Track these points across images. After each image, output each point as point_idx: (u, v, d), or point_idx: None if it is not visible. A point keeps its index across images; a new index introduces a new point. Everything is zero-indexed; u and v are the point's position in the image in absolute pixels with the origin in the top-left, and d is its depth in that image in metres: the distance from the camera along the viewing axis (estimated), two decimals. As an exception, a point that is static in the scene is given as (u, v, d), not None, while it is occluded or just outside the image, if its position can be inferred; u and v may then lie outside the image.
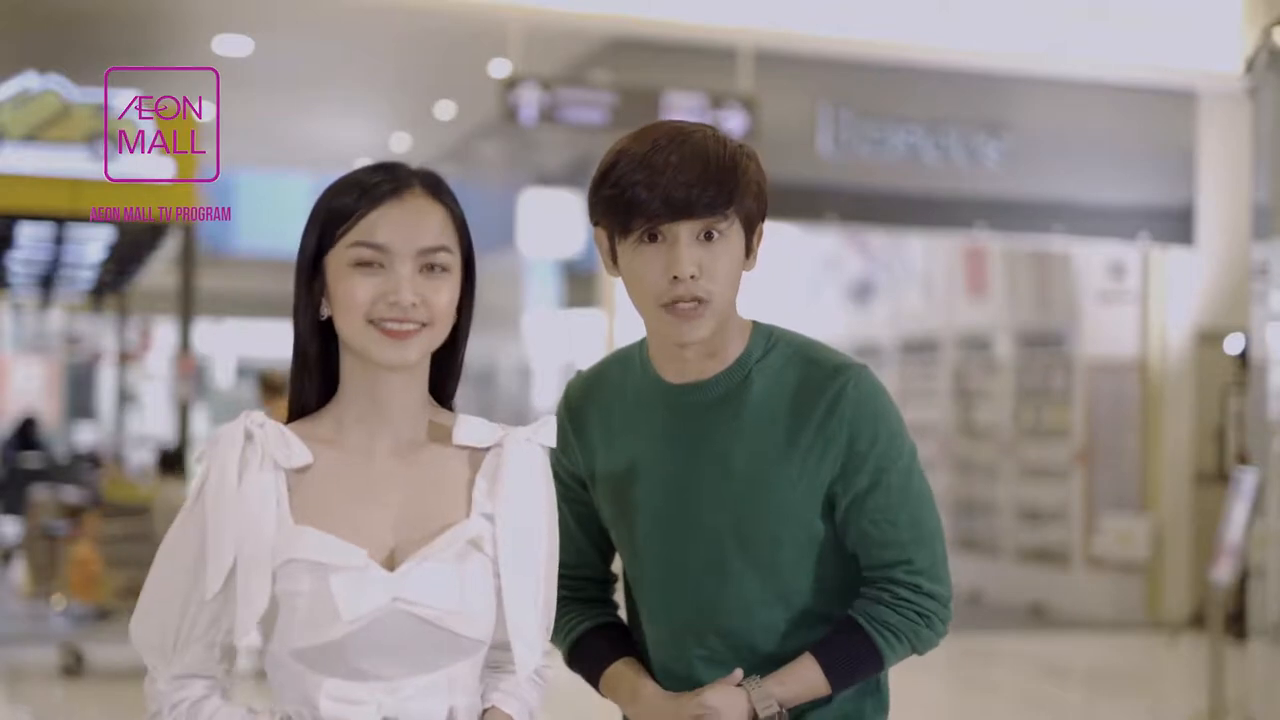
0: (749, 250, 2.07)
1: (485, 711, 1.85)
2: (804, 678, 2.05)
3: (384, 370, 1.82)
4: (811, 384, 2.05)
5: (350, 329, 1.81)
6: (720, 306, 2.01)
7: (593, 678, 2.20)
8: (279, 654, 1.78)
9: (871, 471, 2.05)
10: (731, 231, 2.01)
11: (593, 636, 2.21)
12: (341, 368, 1.86)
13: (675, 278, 1.97)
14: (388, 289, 1.79)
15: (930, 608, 2.08)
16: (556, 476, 2.04)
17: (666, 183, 1.97)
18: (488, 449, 1.88)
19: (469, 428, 1.88)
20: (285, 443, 1.79)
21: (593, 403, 2.17)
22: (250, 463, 1.77)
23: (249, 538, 1.75)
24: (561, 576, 2.19)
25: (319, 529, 1.77)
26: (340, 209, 1.82)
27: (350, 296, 1.79)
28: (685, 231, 1.98)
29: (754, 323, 2.13)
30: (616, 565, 2.27)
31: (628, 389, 2.14)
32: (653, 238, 1.99)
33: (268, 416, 1.82)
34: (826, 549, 2.09)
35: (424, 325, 1.80)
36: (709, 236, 1.99)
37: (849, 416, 2.03)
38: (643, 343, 2.16)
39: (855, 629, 2.07)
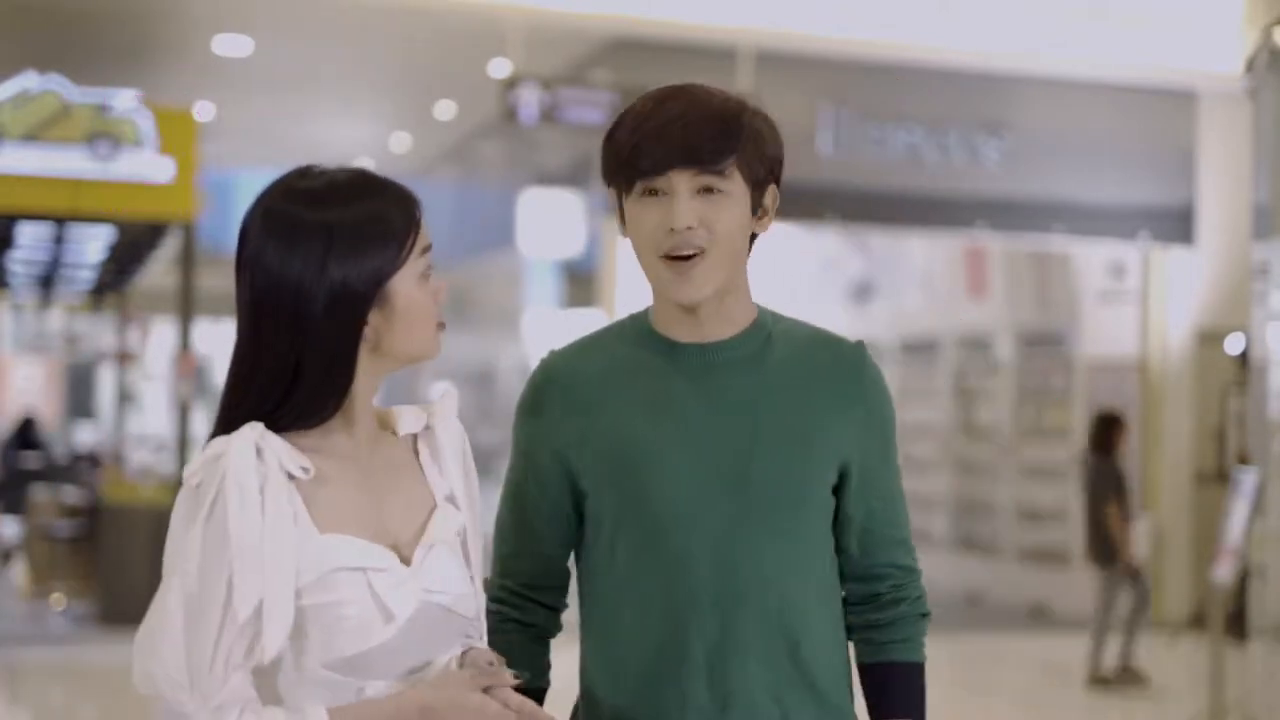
0: (758, 210, 2.02)
1: (464, 654, 1.83)
2: None
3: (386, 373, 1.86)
4: (837, 352, 2.06)
5: (423, 337, 1.84)
6: (722, 261, 1.97)
7: None
8: (311, 669, 1.73)
9: (881, 446, 2.06)
10: (733, 187, 1.97)
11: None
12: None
13: (672, 229, 1.95)
14: (438, 284, 1.83)
15: (922, 589, 2.12)
16: (534, 463, 2.06)
17: (666, 134, 1.94)
18: (420, 433, 1.92)
19: (409, 416, 1.91)
20: (290, 453, 1.74)
21: (583, 374, 2.06)
22: (269, 479, 1.71)
23: (273, 556, 1.70)
24: (520, 594, 2.10)
25: (343, 534, 1.76)
26: (395, 237, 1.80)
27: (424, 306, 1.82)
28: (684, 184, 1.94)
29: (761, 307, 2.11)
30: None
31: (624, 356, 2.06)
32: (654, 192, 1.96)
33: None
34: (830, 524, 2.07)
35: None
36: (709, 190, 1.95)
37: (870, 388, 2.05)
38: (640, 313, 2.11)
39: (907, 669, 2.09)
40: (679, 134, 1.94)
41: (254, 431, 1.73)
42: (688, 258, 1.95)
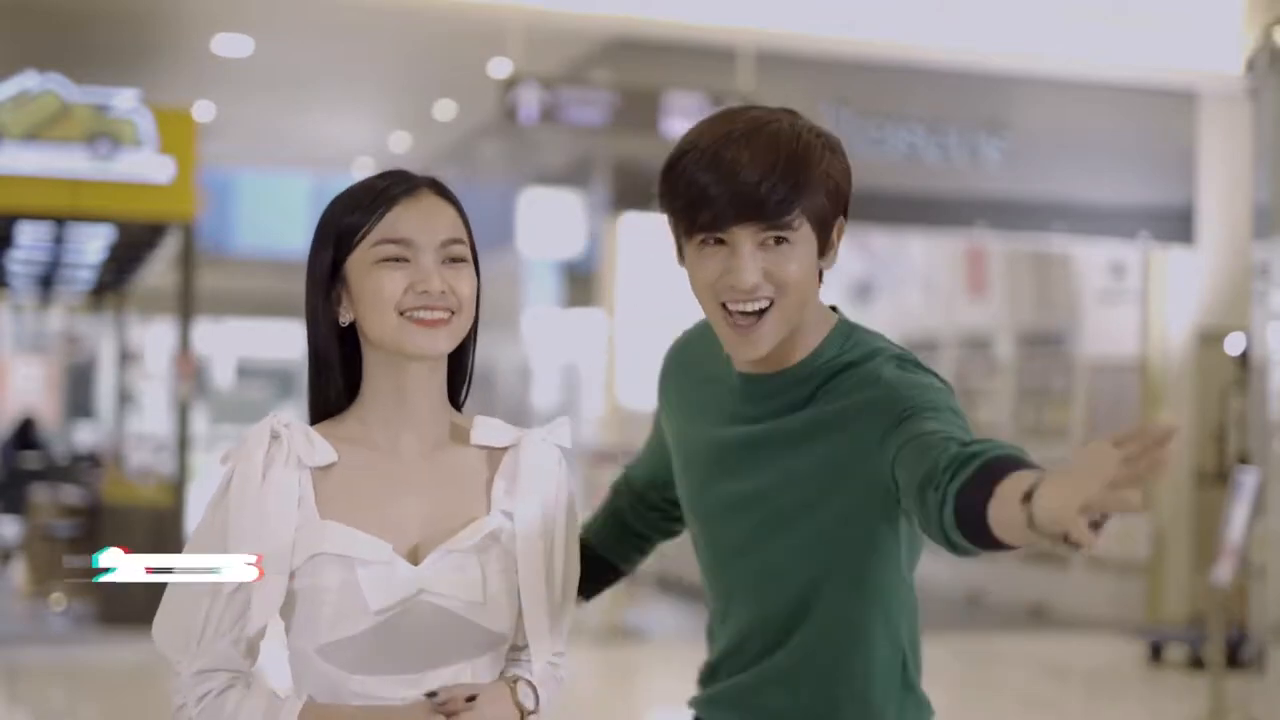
0: (825, 247, 1.92)
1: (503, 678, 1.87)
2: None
3: (410, 367, 1.86)
4: (859, 378, 1.93)
5: (382, 325, 1.84)
6: (788, 312, 1.89)
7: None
8: (305, 651, 1.81)
9: (899, 417, 1.85)
10: (801, 233, 1.87)
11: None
12: (365, 370, 1.90)
13: (733, 287, 1.87)
14: (416, 279, 1.82)
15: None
16: (657, 422, 2.19)
17: (730, 183, 1.83)
18: (506, 449, 1.92)
19: (487, 428, 1.93)
20: (310, 441, 1.84)
21: (679, 369, 2.13)
22: (275, 460, 1.81)
23: (268, 534, 1.79)
24: (634, 489, 2.29)
25: (345, 524, 1.81)
26: (354, 221, 1.85)
27: (380, 291, 1.82)
28: (747, 238, 1.85)
29: (839, 320, 2.01)
30: None
31: (706, 366, 2.06)
32: (718, 240, 1.87)
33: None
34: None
35: (452, 313, 1.85)
36: (777, 241, 1.86)
37: (882, 398, 1.88)
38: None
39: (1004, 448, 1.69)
40: (740, 189, 1.83)
41: (277, 419, 1.85)
42: (753, 313, 1.88)
